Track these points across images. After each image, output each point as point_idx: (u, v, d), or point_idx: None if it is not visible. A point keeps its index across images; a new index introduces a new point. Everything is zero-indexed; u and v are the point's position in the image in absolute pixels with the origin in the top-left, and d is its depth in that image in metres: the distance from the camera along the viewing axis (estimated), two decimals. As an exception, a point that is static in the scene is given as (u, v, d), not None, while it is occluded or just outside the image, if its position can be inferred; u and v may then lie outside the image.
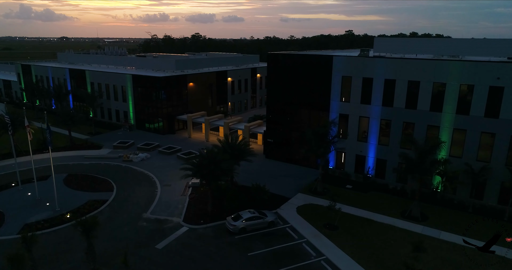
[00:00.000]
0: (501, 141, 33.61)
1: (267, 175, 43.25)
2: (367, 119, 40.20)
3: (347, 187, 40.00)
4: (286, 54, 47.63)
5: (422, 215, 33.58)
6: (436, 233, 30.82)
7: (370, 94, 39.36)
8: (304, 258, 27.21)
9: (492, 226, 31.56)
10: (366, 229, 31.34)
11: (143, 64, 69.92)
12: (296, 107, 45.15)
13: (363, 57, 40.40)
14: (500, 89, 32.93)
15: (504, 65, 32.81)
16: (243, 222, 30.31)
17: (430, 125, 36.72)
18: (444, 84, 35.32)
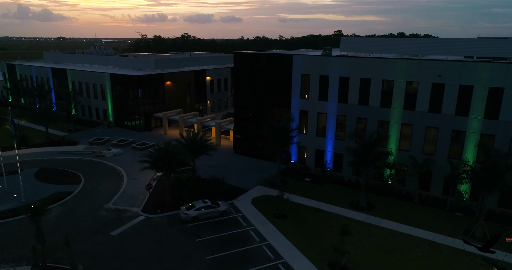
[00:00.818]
0: (444, 135, 35.56)
1: (233, 169, 45.15)
2: (325, 115, 42.14)
3: (306, 180, 41.91)
4: (251, 53, 49.57)
5: (369, 205, 35.50)
6: (378, 221, 32.74)
7: (327, 91, 41.29)
8: (247, 243, 29.09)
9: (438, 215, 33.74)
10: (314, 218, 33.22)
11: (125, 64, 71.76)
12: (260, 104, 47.02)
13: (319, 56, 42.39)
14: (441, 86, 34.91)
15: (444, 63, 34.78)
16: (195, 211, 32.20)
17: (381, 120, 38.67)
18: (392, 81, 37.28)
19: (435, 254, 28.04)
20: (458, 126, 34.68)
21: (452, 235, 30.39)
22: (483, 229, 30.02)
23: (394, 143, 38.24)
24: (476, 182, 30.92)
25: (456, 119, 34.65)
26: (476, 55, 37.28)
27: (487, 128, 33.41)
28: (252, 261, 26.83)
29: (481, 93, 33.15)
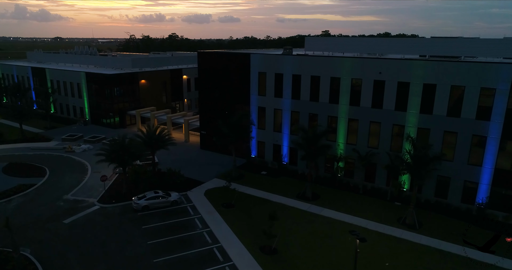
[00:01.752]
0: (385, 129, 37.54)
1: (196, 163, 47.07)
2: (280, 111, 44.08)
3: (262, 173, 43.86)
4: (213, 52, 51.47)
5: (315, 195, 37.47)
6: (319, 210, 34.69)
7: (282, 88, 43.24)
8: (190, 230, 30.99)
9: (377, 205, 35.70)
10: (260, 207, 35.13)
11: (104, 63, 73.55)
12: (223, 101, 48.93)
13: (274, 54, 44.41)
14: (382, 82, 36.88)
15: (384, 61, 36.76)
16: (146, 200, 34.10)
17: (330, 115, 40.63)
18: (339, 78, 39.22)
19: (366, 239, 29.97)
20: (398, 120, 36.65)
21: (384, 222, 32.39)
22: (413, 216, 31.99)
23: (342, 137, 40.22)
24: (408, 172, 32.91)
25: (396, 114, 36.63)
26: (430, 54, 39.05)
27: (423, 122, 35.40)
28: (190, 245, 28.74)
29: (416, 89, 35.16)
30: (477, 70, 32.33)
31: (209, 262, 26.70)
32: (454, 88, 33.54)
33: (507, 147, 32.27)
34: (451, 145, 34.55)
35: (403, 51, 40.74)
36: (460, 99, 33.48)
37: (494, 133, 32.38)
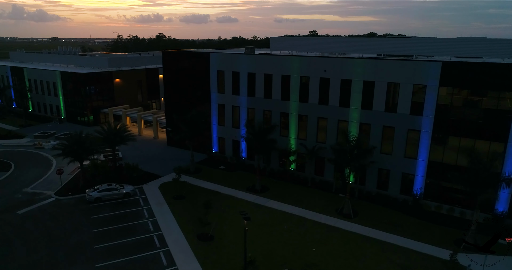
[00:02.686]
0: (332, 125, 39.29)
1: (159, 158, 48.75)
2: (238, 108, 45.80)
3: (221, 167, 45.58)
4: (177, 51, 53.15)
5: (264, 188, 39.21)
6: (264, 201, 36.43)
7: (238, 86, 44.96)
8: (136, 220, 32.69)
9: (321, 196, 37.43)
10: (209, 199, 36.64)
11: (83, 62, 75.10)
12: (186, 99, 50.61)
13: (230, 53, 46.15)
14: (327, 80, 38.64)
15: (328, 59, 38.52)
16: (98, 192, 35.77)
17: (282, 112, 42.36)
18: (289, 76, 40.95)
19: (299, 227, 31.73)
20: (342, 116, 38.43)
21: (323, 212, 34.14)
22: (349, 206, 33.74)
23: (293, 133, 41.94)
24: (343, 164, 34.69)
25: (340, 110, 38.41)
26: (386, 53, 40.51)
27: (364, 117, 37.18)
28: (132, 233, 30.43)
29: (357, 86, 36.92)
30: (409, 67, 34.13)
31: (146, 248, 28.39)
32: (390, 85, 35.34)
33: (438, 140, 34.08)
34: (389, 139, 36.35)
35: (363, 50, 42.07)
36: (396, 95, 35.29)
37: (427, 128, 34.17)
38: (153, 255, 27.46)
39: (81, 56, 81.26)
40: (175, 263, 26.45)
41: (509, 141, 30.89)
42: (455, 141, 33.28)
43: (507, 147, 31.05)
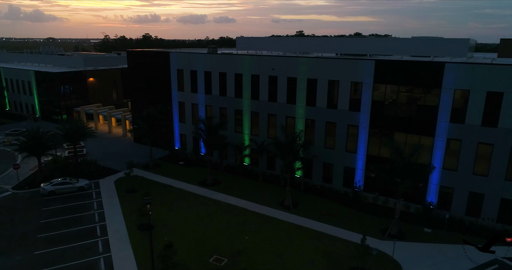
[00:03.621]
0: (279, 121, 40.88)
1: (122, 154, 50.16)
2: (196, 105, 47.35)
3: (180, 163, 47.14)
4: (140, 51, 54.70)
5: (216, 182, 40.79)
6: (212, 194, 37.99)
7: (196, 84, 46.51)
8: (85, 211, 34.21)
9: (269, 190, 39.00)
10: (160, 192, 38.36)
11: (61, 62, 76.50)
12: (150, 97, 52.13)
13: (188, 52, 47.72)
14: (275, 78, 40.23)
15: (276, 58, 40.10)
16: (52, 186, 37.26)
17: (237, 109, 43.93)
18: (241, 74, 42.54)
19: (239, 217, 33.29)
20: (290, 112, 40.02)
21: (266, 205, 35.71)
22: (289, 198, 35.33)
23: (247, 129, 43.51)
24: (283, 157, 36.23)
25: (288, 106, 40.00)
26: (345, 52, 41.95)
27: (309, 113, 38.80)
28: (77, 223, 31.93)
29: (302, 84, 38.53)
30: (347, 65, 35.76)
31: (86, 237, 29.91)
32: (331, 82, 36.97)
33: (374, 135, 35.72)
34: (332, 134, 37.96)
35: (323, 50, 43.68)
36: (336, 92, 36.90)
37: (364, 123, 35.81)
38: (91, 243, 28.99)
39: (59, 56, 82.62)
40: (110, 250, 28.00)
41: (436, 136, 32.57)
42: (390, 136, 34.93)
43: (435, 141, 32.73)
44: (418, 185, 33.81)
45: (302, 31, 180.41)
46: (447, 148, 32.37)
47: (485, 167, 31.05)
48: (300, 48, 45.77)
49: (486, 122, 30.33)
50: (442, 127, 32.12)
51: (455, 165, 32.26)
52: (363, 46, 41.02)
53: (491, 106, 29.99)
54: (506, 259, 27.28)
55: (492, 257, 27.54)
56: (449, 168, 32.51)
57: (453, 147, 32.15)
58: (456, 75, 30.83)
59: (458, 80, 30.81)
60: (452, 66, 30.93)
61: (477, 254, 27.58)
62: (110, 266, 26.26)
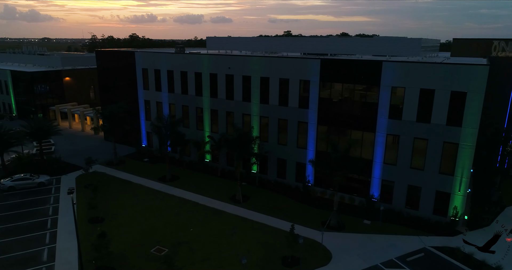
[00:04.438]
0: (237, 118, 42.12)
1: (90, 152, 50.94)
2: (161, 103, 48.56)
3: (144, 160, 48.36)
4: (107, 50, 55.94)
5: (174, 177, 42.03)
6: (168, 189, 39.23)
7: (160, 82, 47.71)
8: (41, 205, 35.37)
9: (224, 184, 40.24)
10: (118, 187, 39.52)
11: (39, 62, 77.77)
12: (118, 96, 53.24)
13: (153, 52, 48.96)
14: (231, 76, 41.48)
15: (231, 57, 41.34)
16: (12, 181, 38.38)
17: (197, 107, 45.17)
18: (201, 73, 43.77)
19: (188, 211, 34.52)
20: (245, 110, 41.28)
21: (218, 199, 36.95)
22: (240, 192, 36.59)
23: (207, 126, 44.76)
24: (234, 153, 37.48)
25: (243, 104, 41.27)
26: (310, 51, 42.90)
27: (263, 111, 40.07)
28: (31, 217, 33.09)
29: (256, 82, 39.80)
30: (296, 64, 37.05)
31: (36, 229, 31.08)
32: (281, 80, 38.24)
33: (322, 131, 37.02)
34: (284, 131, 39.24)
35: (290, 49, 44.51)
36: (287, 90, 38.18)
37: (312, 119, 37.13)
38: (40, 235, 30.15)
39: (39, 56, 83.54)
40: (56, 242, 29.17)
41: (377, 131, 33.92)
42: (335, 132, 36.29)
43: (376, 137, 34.09)
44: (360, 179, 35.26)
45: (289, 31, 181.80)
46: (387, 143, 33.75)
47: (421, 161, 32.45)
48: (269, 48, 46.83)
49: (420, 118, 31.73)
50: (382, 123, 33.49)
51: (394, 159, 33.64)
52: (328, 45, 42.09)
53: (424, 103, 31.38)
54: (433, 248, 28.66)
55: (421, 246, 29.02)
56: (390, 162, 33.90)
57: (392, 142, 33.53)
58: (392, 73, 32.19)
59: (394, 78, 32.18)
60: (388, 65, 32.30)
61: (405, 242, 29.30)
62: (53, 256, 27.43)
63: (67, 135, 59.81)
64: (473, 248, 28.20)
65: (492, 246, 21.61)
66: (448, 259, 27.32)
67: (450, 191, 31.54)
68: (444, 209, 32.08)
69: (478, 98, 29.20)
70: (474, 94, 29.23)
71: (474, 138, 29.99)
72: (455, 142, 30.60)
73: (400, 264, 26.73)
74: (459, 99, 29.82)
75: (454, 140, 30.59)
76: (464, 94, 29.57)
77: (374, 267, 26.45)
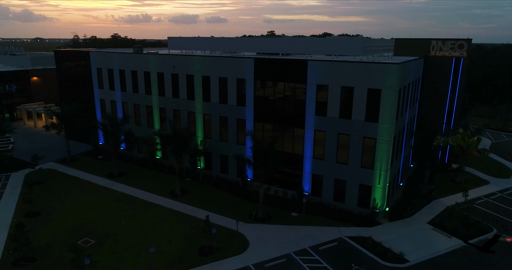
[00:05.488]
0: (184, 116, 43.36)
1: (48, 149, 52.13)
2: (115, 102, 49.70)
3: (99, 157, 49.49)
4: (65, 50, 57.19)
5: (122, 174, 43.23)
6: (112, 184, 40.43)
7: (113, 82, 48.86)
8: (-18, 201, 36.50)
9: (169, 180, 41.45)
10: (65, 183, 40.62)
11: (10, 62, 78.67)
12: (76, 95, 54.25)
13: (105, 52, 50.07)
14: (176, 75, 42.75)
15: (176, 57, 42.56)
16: (-42, 178, 39.49)
17: (147, 105, 46.36)
18: (149, 72, 44.98)
19: (126, 205, 35.71)
20: (190, 108, 42.56)
21: (158, 194, 38.16)
22: (177, 187, 37.86)
23: (157, 124, 45.95)
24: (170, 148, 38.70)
25: (188, 102, 42.54)
26: (265, 51, 43.95)
27: (206, 109, 41.33)
28: (-31, 211, 34.20)
29: (198, 81, 41.09)
30: (233, 63, 38.37)
31: (-29, 223, 32.20)
32: (221, 79, 39.55)
33: (258, 128, 38.34)
34: (225, 128, 40.54)
35: (247, 49, 45.86)
36: (226, 88, 39.50)
37: (249, 117, 38.46)
38: (-28, 229, 31.31)
39: (11, 56, 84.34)
40: (-14, 234, 30.34)
41: (306, 127, 35.33)
42: (270, 128, 37.63)
43: (305, 133, 35.49)
44: (293, 173, 36.75)
45: (273, 31, 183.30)
46: (315, 139, 35.16)
47: (346, 156, 33.90)
48: (227, 48, 47.95)
49: (342, 115, 33.18)
50: (310, 120, 34.90)
51: (322, 154, 35.07)
52: (282, 45, 43.20)
53: (345, 100, 32.83)
54: (348, 238, 30.10)
55: (338, 236, 30.46)
56: (318, 157, 35.32)
57: (320, 137, 34.94)
58: (317, 72, 33.60)
59: (318, 76, 33.60)
60: (313, 63, 33.72)
61: (324, 233, 30.72)
62: (-19, 248, 28.60)
63: (29, 133, 60.90)
64: (385, 237, 29.89)
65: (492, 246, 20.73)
66: (358, 247, 28.80)
67: (371, 184, 33.06)
68: (366, 201, 33.55)
69: (392, 95, 30.69)
70: (388, 91, 30.71)
71: (390, 133, 31.49)
72: (373, 137, 32.10)
73: (311, 253, 28.14)
74: (375, 96, 31.30)
75: (372, 136, 32.10)
76: (379, 91, 31.06)
77: (286, 255, 27.84)
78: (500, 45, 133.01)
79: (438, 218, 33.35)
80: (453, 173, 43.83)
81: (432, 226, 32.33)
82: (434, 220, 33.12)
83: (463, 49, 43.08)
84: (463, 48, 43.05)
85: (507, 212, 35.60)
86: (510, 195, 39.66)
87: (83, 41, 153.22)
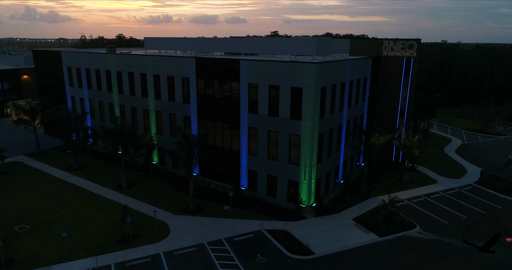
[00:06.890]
0: (140, 114, 45.30)
1: (23, 144, 55.15)
2: (83, 99, 52.19)
3: (67, 152, 52.06)
4: (40, 51, 59.96)
5: (81, 166, 45.58)
6: (67, 176, 42.78)
7: (81, 80, 51.35)
8: None
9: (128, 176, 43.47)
10: (24, 175, 43.18)
11: (6, 61, 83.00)
12: (52, 93, 57.13)
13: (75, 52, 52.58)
14: (132, 74, 44.74)
15: (131, 56, 44.55)
16: None
17: (110, 102, 48.56)
18: (110, 71, 47.14)
19: (72, 195, 37.91)
20: (145, 105, 44.44)
21: (107, 186, 40.21)
22: (124, 179, 39.80)
23: (119, 120, 48.02)
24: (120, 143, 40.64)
25: (143, 99, 44.44)
26: (235, 51, 44.70)
27: (158, 106, 43.17)
28: None
29: (150, 79, 42.95)
30: (178, 63, 40.01)
31: None
32: (169, 78, 41.27)
33: (202, 124, 39.85)
34: (174, 124, 42.19)
35: (219, 49, 46.48)
36: (173, 87, 41.18)
37: (194, 114, 40.05)
38: None
39: (8, 55, 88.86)
40: None
41: (241, 124, 36.61)
42: (212, 125, 39.11)
43: (240, 130, 36.77)
44: (233, 168, 38.10)
45: (277, 31, 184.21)
46: (249, 135, 36.40)
47: (276, 152, 35.01)
48: (201, 48, 49.15)
49: (271, 112, 34.32)
50: (244, 117, 36.16)
51: (256, 150, 36.29)
52: (249, 46, 43.81)
53: (273, 98, 33.94)
54: (265, 230, 31.23)
55: (257, 228, 31.65)
56: (253, 153, 36.57)
57: (253, 134, 36.15)
58: (248, 71, 34.84)
59: (249, 75, 34.83)
60: (244, 63, 34.98)
61: (245, 226, 31.85)
62: None
63: (13, 129, 64.19)
64: (301, 231, 30.91)
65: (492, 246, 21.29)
66: (271, 239, 29.94)
67: (298, 180, 34.07)
68: (295, 197, 34.57)
69: (312, 94, 31.63)
70: (309, 90, 31.68)
71: (313, 130, 32.44)
72: (298, 134, 33.12)
73: (224, 243, 29.47)
74: (298, 95, 32.32)
75: (297, 133, 33.12)
76: (300, 90, 32.06)
77: (199, 245, 29.28)
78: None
79: (364, 215, 34.08)
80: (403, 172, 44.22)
81: (355, 222, 33.14)
82: (360, 217, 33.87)
83: (413, 49, 43.40)
84: (413, 48, 43.38)
85: (439, 210, 35.97)
86: (452, 195, 39.88)
87: (90, 41, 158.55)
